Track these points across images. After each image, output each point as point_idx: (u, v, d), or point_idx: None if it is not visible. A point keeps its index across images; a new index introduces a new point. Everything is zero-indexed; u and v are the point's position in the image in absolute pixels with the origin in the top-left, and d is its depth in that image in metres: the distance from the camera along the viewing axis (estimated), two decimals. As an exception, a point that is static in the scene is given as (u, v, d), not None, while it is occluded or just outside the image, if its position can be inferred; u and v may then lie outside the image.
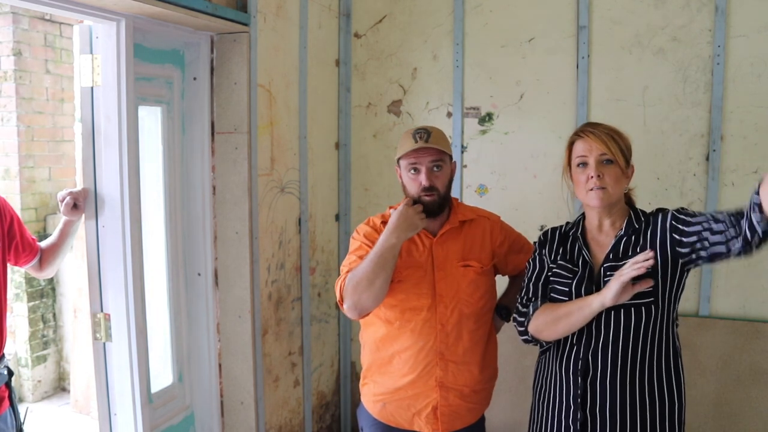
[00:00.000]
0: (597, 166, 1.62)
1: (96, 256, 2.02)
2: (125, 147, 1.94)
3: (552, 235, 1.80)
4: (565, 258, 1.72)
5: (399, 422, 1.95)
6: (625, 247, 1.64)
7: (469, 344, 1.90)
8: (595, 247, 1.70)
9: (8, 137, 4.11)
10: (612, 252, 1.65)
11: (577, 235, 1.73)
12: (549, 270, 1.75)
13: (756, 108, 2.45)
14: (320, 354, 2.97)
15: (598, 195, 1.62)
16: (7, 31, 4.03)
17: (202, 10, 2.05)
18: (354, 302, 1.79)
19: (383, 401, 1.96)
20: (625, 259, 1.59)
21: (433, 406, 1.90)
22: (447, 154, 1.87)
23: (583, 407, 1.64)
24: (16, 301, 4.11)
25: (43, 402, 4.18)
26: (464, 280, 1.88)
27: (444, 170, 1.87)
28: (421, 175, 1.84)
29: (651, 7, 2.56)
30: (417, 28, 2.92)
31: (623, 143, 1.65)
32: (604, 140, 1.62)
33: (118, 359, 2.01)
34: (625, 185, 1.66)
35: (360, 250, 1.89)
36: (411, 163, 1.86)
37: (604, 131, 1.64)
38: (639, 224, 1.66)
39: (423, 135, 1.84)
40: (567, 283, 1.68)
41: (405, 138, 1.88)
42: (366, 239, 1.90)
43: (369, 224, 1.96)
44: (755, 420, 2.50)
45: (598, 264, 1.67)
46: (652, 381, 1.62)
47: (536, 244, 1.83)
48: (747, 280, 2.51)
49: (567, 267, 1.70)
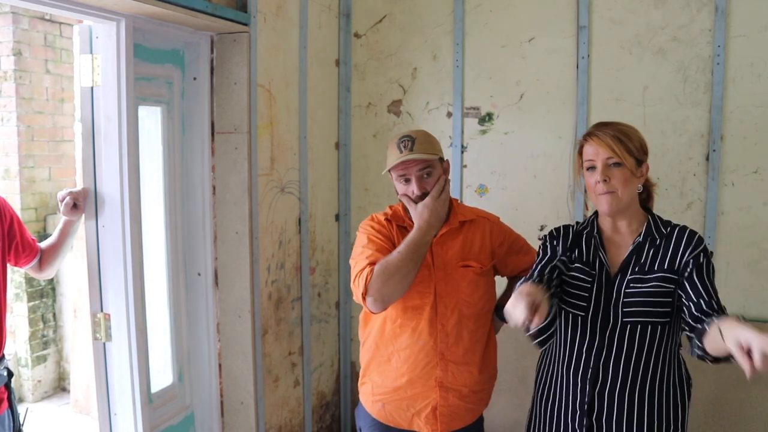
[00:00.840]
0: (604, 169, 1.59)
1: (96, 256, 2.02)
2: (125, 147, 1.94)
3: (566, 232, 1.76)
4: (581, 260, 1.69)
5: (398, 422, 1.95)
6: (645, 258, 1.62)
7: (469, 345, 1.90)
8: (612, 248, 1.67)
9: (8, 137, 4.11)
10: (631, 260, 1.62)
11: (593, 235, 1.70)
12: (559, 260, 1.71)
13: (756, 108, 2.45)
14: (320, 354, 2.97)
15: (607, 200, 1.60)
16: (7, 31, 4.03)
17: (202, 10, 2.05)
18: (382, 294, 1.77)
19: (382, 401, 1.96)
20: (643, 272, 1.59)
21: (432, 407, 1.90)
22: (436, 158, 1.86)
23: (589, 414, 1.64)
24: (16, 301, 4.11)
25: (43, 402, 4.18)
26: (464, 280, 1.88)
27: (434, 174, 1.86)
28: (411, 185, 1.84)
29: (651, 7, 2.56)
30: (417, 28, 2.92)
31: (633, 143, 1.60)
32: (609, 143, 1.58)
33: (118, 359, 2.01)
34: (638, 185, 1.63)
35: (372, 243, 1.86)
36: (400, 175, 1.86)
37: (610, 133, 1.60)
38: (659, 235, 1.63)
39: (407, 143, 1.83)
40: (587, 288, 1.65)
41: (391, 148, 1.88)
42: (377, 233, 1.89)
43: (374, 220, 1.96)
44: (755, 420, 2.50)
45: (615, 266, 1.65)
46: (661, 396, 1.61)
47: (546, 237, 1.79)
48: (747, 280, 2.51)
49: (585, 270, 1.67)
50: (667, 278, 1.58)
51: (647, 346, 1.59)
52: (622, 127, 1.64)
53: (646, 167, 1.65)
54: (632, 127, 1.66)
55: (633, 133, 1.63)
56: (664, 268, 1.59)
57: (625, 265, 1.63)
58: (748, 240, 2.50)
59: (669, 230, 1.64)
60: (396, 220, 1.94)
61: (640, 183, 1.64)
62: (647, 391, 1.60)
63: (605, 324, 1.62)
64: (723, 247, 2.52)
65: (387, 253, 1.81)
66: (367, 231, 1.92)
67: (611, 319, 1.61)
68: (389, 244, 1.88)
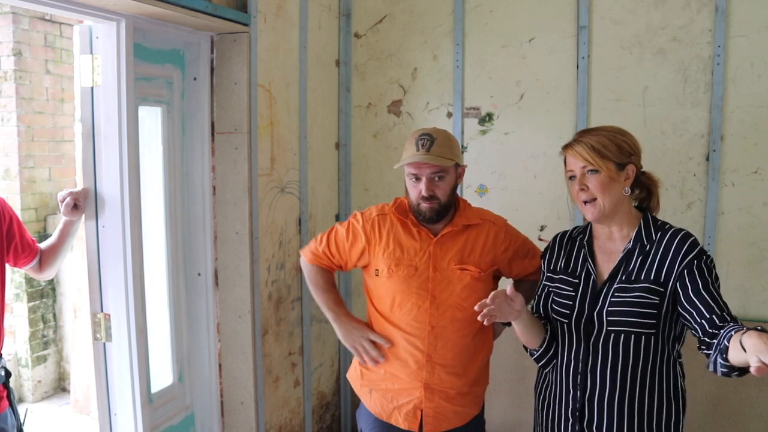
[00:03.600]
0: (581, 178, 1.59)
1: (96, 256, 2.02)
2: (125, 147, 1.94)
3: (560, 242, 1.76)
4: (567, 270, 1.69)
5: (380, 413, 1.96)
6: (633, 266, 1.58)
7: (459, 349, 1.89)
8: (602, 255, 1.66)
9: (8, 137, 4.10)
10: (620, 267, 1.60)
11: (584, 243, 1.69)
12: (546, 279, 1.74)
13: (756, 108, 2.45)
14: (320, 354, 2.97)
15: (590, 209, 1.60)
16: (7, 31, 4.03)
17: (202, 10, 2.05)
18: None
19: (369, 387, 1.98)
20: (630, 281, 1.56)
21: (415, 405, 1.90)
22: (452, 164, 1.84)
23: (581, 420, 1.63)
24: (16, 301, 4.11)
25: (43, 402, 4.18)
26: (460, 283, 1.87)
27: (447, 179, 1.84)
28: (420, 184, 1.83)
29: (651, 7, 2.56)
30: (417, 28, 2.92)
31: (609, 149, 1.56)
32: (581, 152, 1.57)
33: (118, 359, 2.01)
34: (623, 189, 1.59)
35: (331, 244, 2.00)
36: (412, 173, 1.85)
37: (584, 141, 1.58)
38: (649, 241, 1.59)
39: (426, 142, 1.81)
40: (570, 296, 1.65)
41: (409, 142, 1.86)
42: (346, 235, 1.97)
43: (363, 215, 1.97)
44: (755, 420, 2.50)
45: (603, 275, 1.63)
46: (652, 407, 1.59)
47: (543, 252, 1.82)
48: (747, 280, 2.51)
49: (567, 280, 1.67)
50: (651, 290, 1.54)
51: (633, 356, 1.56)
52: (599, 133, 1.60)
53: (632, 169, 1.60)
54: (614, 131, 1.61)
55: (612, 137, 1.58)
56: (650, 278, 1.55)
57: (614, 273, 1.60)
58: (748, 240, 2.50)
59: (660, 235, 1.59)
60: (399, 213, 1.93)
61: (627, 186, 1.60)
62: (637, 401, 1.58)
63: (589, 331, 1.61)
64: (723, 247, 2.52)
65: (335, 262, 2.01)
66: (342, 227, 2.00)
67: (596, 327, 1.60)
68: (347, 249, 1.97)
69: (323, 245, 2.01)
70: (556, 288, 1.70)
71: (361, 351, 1.95)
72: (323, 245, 2.01)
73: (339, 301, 2.06)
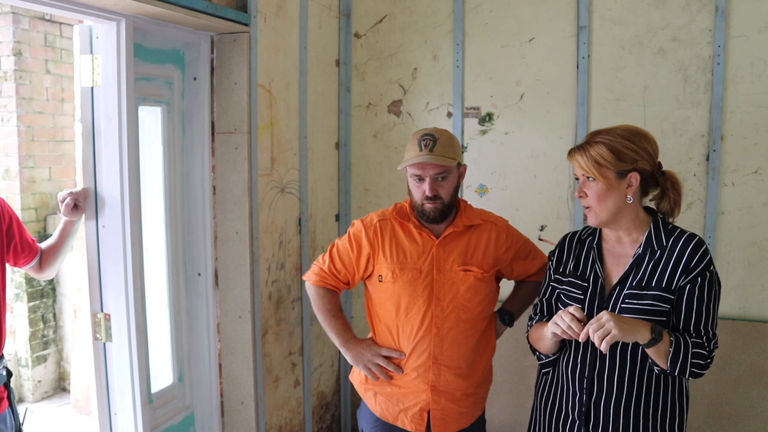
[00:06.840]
0: (582, 184, 1.59)
1: (96, 256, 2.02)
2: (125, 147, 1.94)
3: (569, 244, 1.74)
4: (576, 273, 1.67)
5: (385, 415, 1.96)
6: (644, 272, 1.56)
7: (464, 349, 1.89)
8: (611, 258, 1.64)
9: (8, 137, 4.10)
10: (630, 272, 1.58)
11: (593, 246, 1.67)
12: (554, 281, 1.73)
13: (756, 108, 2.45)
14: (320, 354, 2.97)
15: (588, 215, 1.60)
16: (7, 31, 4.03)
17: (202, 10, 2.05)
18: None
19: (374, 390, 1.97)
20: (640, 287, 1.55)
21: (421, 407, 1.90)
22: (454, 164, 1.84)
23: (586, 423, 1.63)
24: (16, 301, 4.11)
25: (44, 402, 4.18)
26: (463, 284, 1.87)
27: (450, 179, 1.84)
28: (424, 185, 1.83)
29: (651, 7, 2.56)
30: (417, 28, 2.92)
31: (608, 158, 1.53)
32: (578, 161, 1.57)
33: (118, 359, 2.01)
34: (624, 197, 1.56)
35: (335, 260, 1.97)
36: (415, 173, 1.84)
37: (585, 147, 1.56)
38: (659, 246, 1.57)
39: (428, 142, 1.81)
40: (579, 299, 1.63)
41: (411, 143, 1.86)
42: (349, 248, 1.95)
43: (364, 222, 1.96)
44: (755, 420, 2.50)
45: (611, 279, 1.62)
46: (656, 411, 1.58)
47: (551, 253, 1.80)
48: (747, 281, 2.52)
49: (576, 283, 1.66)
50: (663, 297, 1.54)
51: (641, 361, 1.56)
52: (604, 138, 1.56)
53: (635, 177, 1.55)
54: (623, 135, 1.56)
55: (615, 143, 1.54)
56: (662, 286, 1.54)
57: (624, 278, 1.59)
58: (748, 240, 2.50)
59: (672, 241, 1.56)
60: (400, 217, 1.93)
61: (630, 194, 1.56)
62: (643, 405, 1.58)
63: None
64: (723, 247, 2.52)
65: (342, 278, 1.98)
66: (349, 235, 1.97)
67: None
68: (353, 260, 1.95)
69: (327, 263, 1.99)
70: (564, 290, 1.69)
71: (376, 370, 1.93)
72: (327, 263, 1.99)
73: (347, 326, 2.02)
